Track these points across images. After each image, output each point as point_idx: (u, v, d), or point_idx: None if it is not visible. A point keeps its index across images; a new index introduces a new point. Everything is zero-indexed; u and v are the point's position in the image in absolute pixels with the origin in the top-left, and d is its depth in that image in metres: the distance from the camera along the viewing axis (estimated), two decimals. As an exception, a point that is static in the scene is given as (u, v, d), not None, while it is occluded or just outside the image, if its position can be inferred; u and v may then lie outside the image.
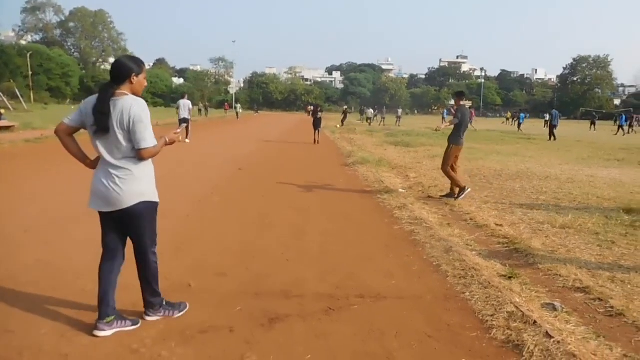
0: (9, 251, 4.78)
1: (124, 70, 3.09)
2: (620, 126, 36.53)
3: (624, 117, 38.75)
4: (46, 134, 18.20)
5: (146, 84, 3.29)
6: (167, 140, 3.32)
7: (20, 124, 21.17)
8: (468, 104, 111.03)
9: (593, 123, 40.49)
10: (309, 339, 3.23)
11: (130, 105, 3.02)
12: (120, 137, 3.03)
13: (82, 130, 3.18)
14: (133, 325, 3.30)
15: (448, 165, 8.39)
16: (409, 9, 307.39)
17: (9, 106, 35.78)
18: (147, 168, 3.21)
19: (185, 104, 18.51)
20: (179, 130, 3.48)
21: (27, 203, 7.08)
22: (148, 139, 3.06)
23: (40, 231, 5.57)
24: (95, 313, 3.24)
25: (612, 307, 3.90)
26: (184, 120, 18.05)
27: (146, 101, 3.18)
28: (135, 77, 3.12)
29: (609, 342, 3.29)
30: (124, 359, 2.91)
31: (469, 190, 8.34)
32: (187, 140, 17.93)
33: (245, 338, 3.21)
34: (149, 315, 3.43)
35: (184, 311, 3.54)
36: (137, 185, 3.12)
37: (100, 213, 3.23)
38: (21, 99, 44.85)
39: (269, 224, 6.29)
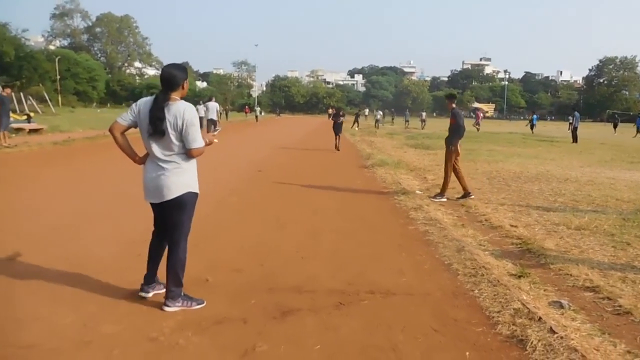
0: (39, 247, 5.01)
1: (178, 79, 3.48)
2: (638, 128, 36.03)
3: None
4: (73, 137, 18.73)
5: None
6: (207, 141, 3.70)
7: (48, 126, 21.80)
8: (491, 106, 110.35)
9: (615, 125, 39.72)
10: (318, 331, 3.36)
11: (183, 111, 3.41)
12: (173, 138, 3.42)
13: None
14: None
15: (450, 165, 8.63)
16: (431, 11, 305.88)
17: (38, 109, 36.79)
18: (192, 162, 3.61)
19: (212, 106, 19.70)
20: (215, 133, 3.79)
21: (55, 202, 7.36)
22: (198, 140, 3.47)
23: (67, 228, 5.81)
24: (117, 304, 3.45)
25: (620, 306, 3.94)
26: (211, 122, 19.15)
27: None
28: (185, 83, 3.54)
29: (614, 338, 3.34)
30: (143, 346, 3.08)
31: (445, 200, 8.48)
32: (215, 141, 18.50)
33: (257, 329, 3.36)
34: (168, 306, 3.61)
35: (201, 305, 3.70)
36: (184, 177, 3.54)
37: (152, 203, 3.65)
38: (49, 102, 46.04)
39: (285, 224, 6.44)
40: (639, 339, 3.39)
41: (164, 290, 3.70)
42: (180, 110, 3.40)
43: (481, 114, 39.85)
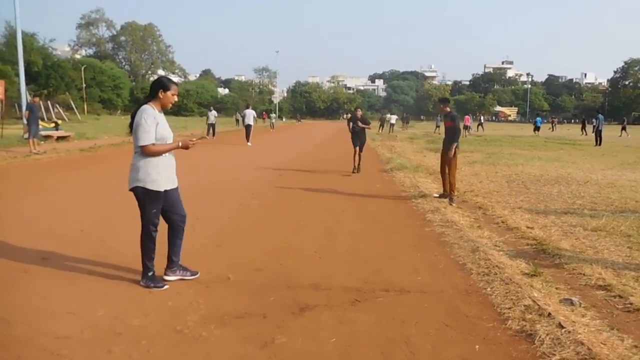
0: (70, 247, 5.26)
1: (154, 87, 4.10)
2: None
3: None
4: (99, 144, 19.23)
5: (175, 99, 4.18)
6: (181, 144, 4.14)
7: (75, 134, 22.39)
8: (514, 110, 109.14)
9: (624, 128, 39.09)
10: (334, 325, 3.53)
11: (137, 113, 4.02)
12: (133, 136, 4.02)
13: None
14: (192, 275, 4.38)
15: (454, 166, 8.84)
16: (452, 15, 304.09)
17: (65, 117, 37.73)
18: (144, 161, 4.01)
19: (249, 113, 23.50)
20: (195, 140, 4.29)
21: (84, 205, 7.67)
22: (141, 139, 3.93)
23: (95, 230, 6.08)
24: (144, 299, 3.71)
25: (631, 304, 4.02)
26: (248, 127, 22.81)
27: (192, 111, 3.86)
28: (162, 93, 4.05)
29: (622, 334, 3.43)
30: (169, 338, 3.28)
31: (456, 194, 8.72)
32: (249, 144, 21.76)
33: (276, 323, 3.54)
34: (167, 275, 4.31)
35: (161, 288, 4.13)
36: (135, 173, 4.04)
37: None
38: (75, 110, 47.16)
39: (304, 226, 6.63)
40: (647, 334, 3.48)
41: (191, 276, 4.38)
42: (136, 113, 4.01)
43: (470, 118, 39.61)
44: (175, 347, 3.18)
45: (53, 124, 23.02)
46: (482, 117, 53.25)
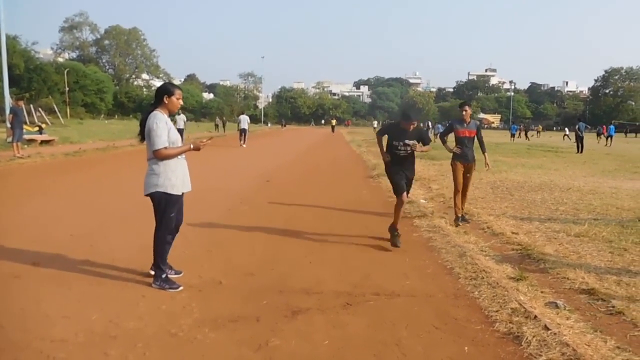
0: (60, 252, 5.25)
1: (159, 92, 4.26)
2: (609, 136, 36.97)
3: (612, 127, 38.78)
4: (84, 148, 19.11)
5: (180, 103, 4.36)
6: (192, 146, 4.26)
7: (59, 138, 22.19)
8: (497, 117, 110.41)
9: (567, 135, 40.42)
10: (327, 328, 3.60)
11: (149, 119, 4.15)
12: (147, 142, 4.17)
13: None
14: (176, 274, 4.50)
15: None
16: (436, 22, 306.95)
17: (47, 121, 37.29)
18: (164, 166, 4.16)
19: (244, 118, 25.43)
20: (205, 140, 4.40)
21: (71, 210, 7.63)
22: (155, 143, 4.07)
23: (86, 235, 6.07)
24: (138, 303, 3.75)
25: (613, 307, 4.15)
26: (243, 131, 24.68)
27: (177, 114, 3.97)
28: (167, 98, 4.22)
29: (605, 335, 3.55)
30: (164, 340, 3.33)
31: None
32: (244, 145, 24.05)
33: (270, 326, 3.60)
34: (152, 270, 4.39)
35: (175, 290, 4.22)
36: (153, 178, 4.17)
37: None
38: (58, 114, 46.67)
39: (294, 231, 6.68)
40: (629, 336, 3.60)
41: (175, 274, 4.49)
42: (148, 119, 4.14)
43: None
44: (171, 350, 3.22)
45: (37, 128, 22.87)
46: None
